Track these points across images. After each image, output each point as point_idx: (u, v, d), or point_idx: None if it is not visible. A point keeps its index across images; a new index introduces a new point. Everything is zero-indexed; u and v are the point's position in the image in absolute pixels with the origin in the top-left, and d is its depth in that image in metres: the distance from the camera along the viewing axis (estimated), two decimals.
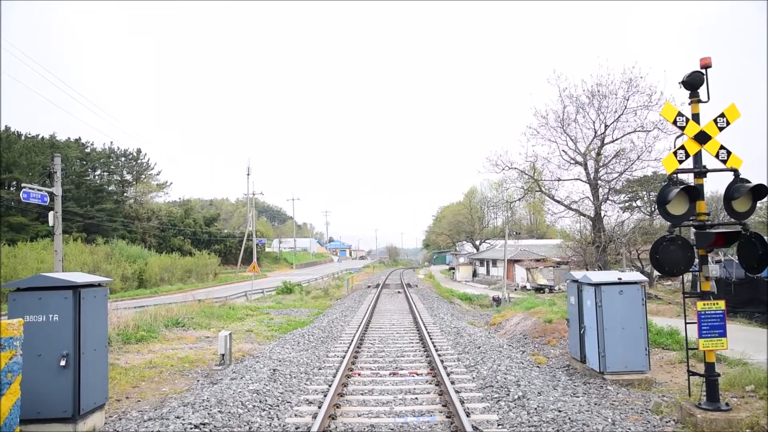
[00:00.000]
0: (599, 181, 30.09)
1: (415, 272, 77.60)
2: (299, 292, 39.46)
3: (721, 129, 8.02)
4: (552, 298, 29.05)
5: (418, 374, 11.07)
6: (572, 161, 30.24)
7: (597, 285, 10.63)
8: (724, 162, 8.05)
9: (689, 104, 8.15)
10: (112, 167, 76.40)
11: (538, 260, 55.01)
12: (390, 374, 11.09)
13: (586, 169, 30.10)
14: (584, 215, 32.15)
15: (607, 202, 31.26)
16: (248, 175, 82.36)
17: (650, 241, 45.55)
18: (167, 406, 8.47)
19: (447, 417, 8.03)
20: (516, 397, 8.75)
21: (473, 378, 10.42)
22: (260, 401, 8.48)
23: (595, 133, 29.75)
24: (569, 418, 7.45)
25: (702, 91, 8.08)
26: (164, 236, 71.98)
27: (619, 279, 10.80)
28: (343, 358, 12.11)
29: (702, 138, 7.95)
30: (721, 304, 8.09)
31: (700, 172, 8.05)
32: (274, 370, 10.68)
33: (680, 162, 7.96)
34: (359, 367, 11.80)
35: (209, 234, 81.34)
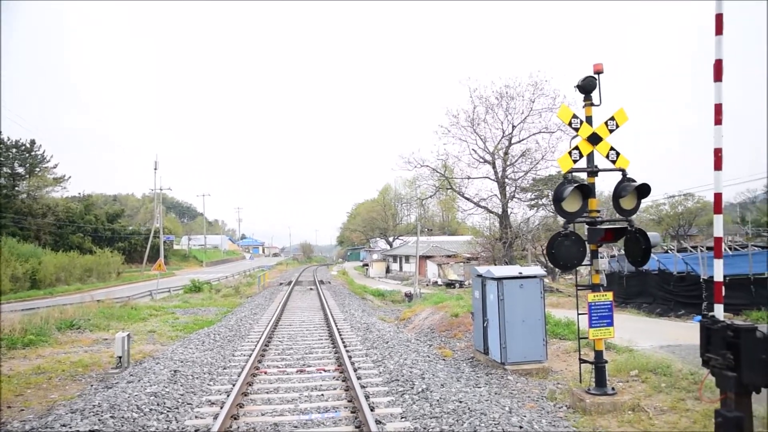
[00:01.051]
0: (506, 180, 31.23)
1: (328, 269, 77.43)
2: (208, 290, 38.35)
3: (611, 131, 8.51)
4: (460, 293, 29.84)
5: (325, 370, 11.04)
6: (481, 160, 31.21)
7: (499, 279, 11.03)
8: (614, 162, 8.56)
9: (583, 107, 8.60)
10: (1, 159, 71.02)
11: (449, 256, 56.39)
12: (297, 371, 11.00)
13: (494, 167, 31.16)
14: (492, 212, 33.29)
15: (514, 199, 32.48)
16: (155, 169, 78.93)
17: (546, 237, 47.87)
18: (53, 414, 7.98)
19: (352, 412, 8.07)
20: (420, 389, 8.92)
21: (380, 372, 10.52)
22: (158, 404, 8.17)
23: (503, 133, 30.86)
24: (469, 408, 7.68)
25: (595, 95, 8.56)
26: (62, 233, 67.82)
27: (520, 273, 11.26)
28: (250, 356, 11.90)
29: (594, 139, 8.41)
30: (609, 296, 8.62)
31: (592, 171, 8.52)
32: (175, 371, 10.31)
33: (575, 162, 8.38)
34: (266, 365, 11.63)
35: (112, 231, 77.47)
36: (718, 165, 4.87)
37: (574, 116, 8.36)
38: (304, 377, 10.49)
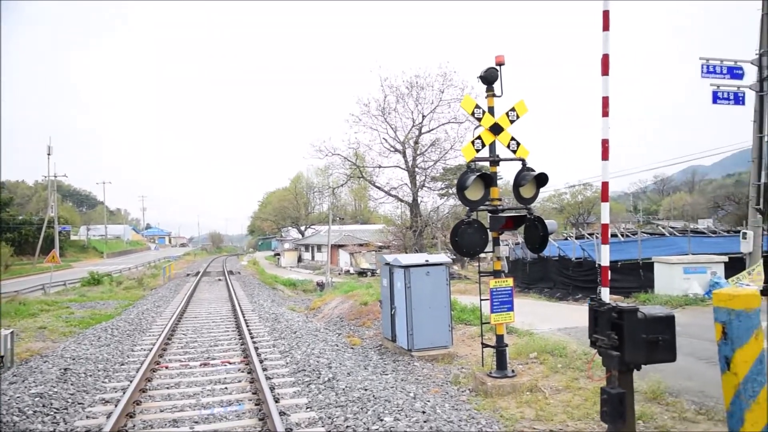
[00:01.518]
0: (417, 169, 31.67)
1: (239, 259, 75.77)
2: (109, 283, 36.48)
3: (512, 122, 8.75)
4: (371, 282, 30.03)
5: (231, 363, 10.77)
6: (392, 149, 31.46)
7: (406, 267, 11.13)
8: (514, 152, 8.81)
9: (486, 98, 8.78)
10: None
11: (361, 245, 56.63)
12: (201, 365, 10.65)
13: (404, 156, 31.51)
14: (403, 201, 33.69)
15: (424, 188, 32.98)
16: (49, 155, 74.35)
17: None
18: None
19: (256, 404, 7.90)
20: (326, 379, 8.88)
21: (287, 363, 10.38)
22: (44, 405, 7.63)
23: (413, 122, 31.23)
24: (374, 396, 7.71)
25: (497, 86, 8.77)
26: None
27: (426, 261, 11.42)
28: (150, 351, 11.41)
29: (496, 129, 8.62)
30: (510, 282, 8.91)
31: (494, 160, 8.73)
32: (65, 369, 9.69)
33: (477, 151, 8.56)
34: (168, 359, 11.19)
35: (0, 221, 71.89)
36: (605, 155, 5.10)
37: (477, 106, 8.52)
38: (208, 371, 10.18)
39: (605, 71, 5.08)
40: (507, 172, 35.88)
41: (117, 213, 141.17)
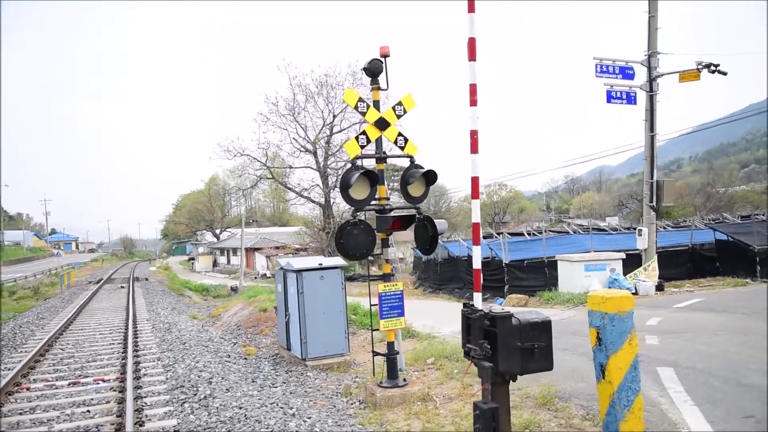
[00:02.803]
0: (328, 170, 31.05)
1: (151, 264, 72.40)
2: None
3: (399, 116, 8.31)
4: None
5: (104, 380, 9.78)
6: (303, 149, 30.70)
7: (299, 271, 10.51)
8: (402, 148, 8.38)
9: (371, 91, 8.30)
10: None
11: (278, 248, 55.30)
12: (70, 384, 9.62)
13: (315, 157, 30.82)
14: (315, 202, 32.98)
15: (336, 189, 32.36)
16: None
17: None
18: None
19: (117, 430, 7.05)
20: (203, 396, 8.13)
21: (167, 379, 9.51)
22: None
23: (324, 122, 30.61)
24: (245, 416, 7.06)
25: (382, 79, 8.31)
26: None
27: (320, 265, 10.84)
28: (12, 370, 10.20)
29: (382, 124, 8.15)
30: (399, 285, 8.46)
31: (380, 157, 8.26)
32: None
33: (362, 147, 8.05)
34: (33, 379, 10.06)
35: None
36: (474, 148, 4.70)
37: (360, 100, 8.03)
38: (75, 391, 9.16)
39: (472, 56, 4.68)
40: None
41: (18, 218, 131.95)
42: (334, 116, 30.71)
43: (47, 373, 10.55)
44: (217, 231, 68.80)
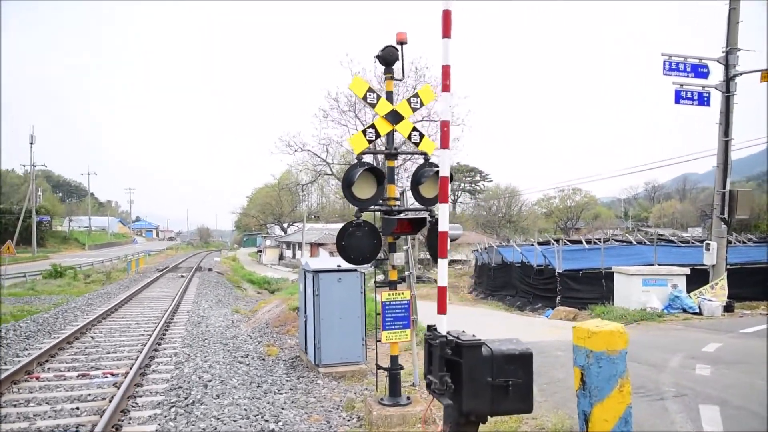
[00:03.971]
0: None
1: (221, 254, 74.44)
2: (72, 276, 35.25)
3: (414, 110, 7.60)
4: None
5: (113, 374, 9.58)
6: (396, 150, 30.22)
7: (315, 272, 9.96)
8: (417, 145, 7.66)
9: (384, 81, 7.61)
10: None
11: None
12: (79, 376, 9.48)
13: (374, 154, 30.27)
14: None
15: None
16: (31, 144, 73.22)
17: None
18: None
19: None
20: (192, 401, 7.70)
21: (170, 378, 9.19)
22: None
23: None
24: (217, 428, 6.53)
25: (397, 68, 7.60)
26: None
27: (339, 266, 10.24)
28: (30, 357, 10.22)
29: (394, 117, 7.45)
30: (407, 295, 7.75)
31: (391, 153, 7.57)
32: None
33: (370, 142, 7.38)
34: (47, 368, 10.01)
35: None
36: (444, 142, 3.96)
37: (370, 90, 7.35)
38: (79, 384, 8.99)
39: (446, 32, 3.92)
40: None
41: (107, 205, 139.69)
42: None
43: (64, 362, 10.50)
44: (285, 225, 69.83)
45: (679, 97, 13.88)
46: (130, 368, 9.81)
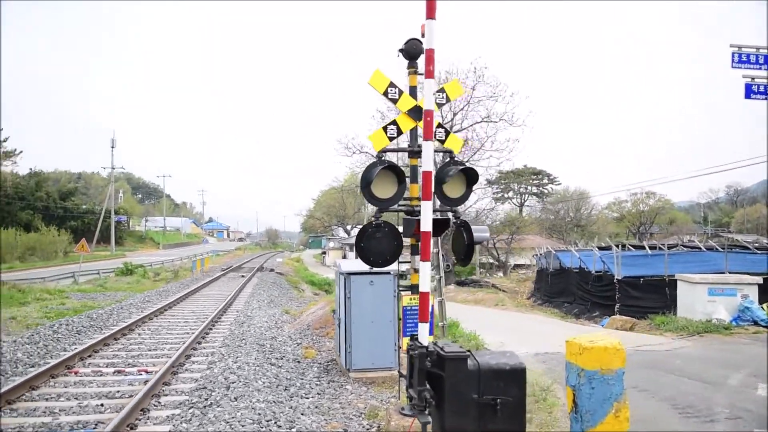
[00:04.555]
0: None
1: (286, 255, 75.76)
2: (142, 274, 36.71)
3: (440, 105, 7.24)
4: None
5: (147, 372, 9.67)
6: (419, 147, 29.88)
7: (347, 274, 9.72)
8: (442, 142, 7.28)
9: (408, 75, 7.26)
10: None
11: (405, 246, 55.11)
12: (115, 372, 9.63)
13: (396, 151, 29.82)
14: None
15: None
16: (112, 147, 77.17)
17: (508, 230, 46.82)
18: None
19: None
20: (211, 402, 7.61)
21: (200, 377, 9.17)
22: None
23: (443, 119, 29.61)
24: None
25: (421, 62, 7.24)
26: (10, 210, 65.36)
27: (371, 268, 9.94)
28: (71, 352, 10.49)
29: (418, 113, 7.09)
30: (430, 299, 7.35)
31: (414, 151, 7.21)
32: None
33: (391, 139, 7.06)
34: (87, 363, 10.23)
35: (64, 209, 74.89)
36: (428, 133, 3.60)
37: (392, 85, 7.02)
38: (113, 380, 9.12)
39: (431, 13, 3.57)
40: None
41: (182, 206, 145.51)
42: (454, 114, 29.62)
43: (106, 358, 10.72)
44: (348, 227, 70.29)
45: (750, 92, 12.76)
46: (163, 366, 9.89)
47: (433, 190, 7.09)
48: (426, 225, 3.87)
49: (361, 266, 10.07)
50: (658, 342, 12.09)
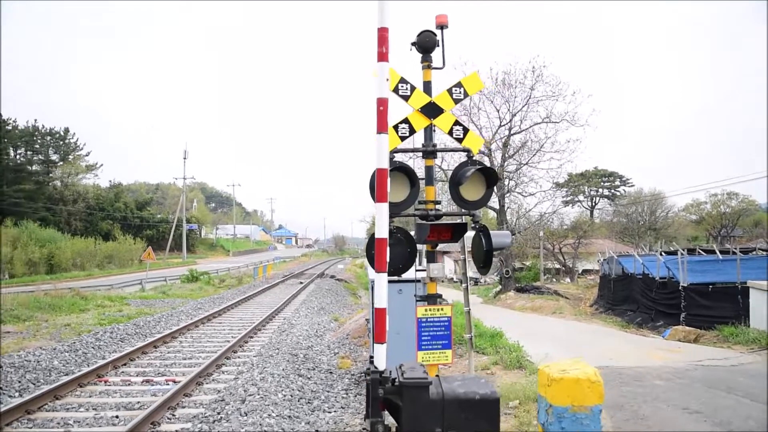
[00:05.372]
0: (505, 172, 29.07)
1: (349, 261, 76.10)
2: (206, 281, 37.60)
3: (457, 101, 6.70)
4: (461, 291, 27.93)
5: (174, 381, 9.57)
6: (434, 146, 29.09)
7: (374, 281, 9.28)
8: (460, 141, 6.75)
9: (422, 69, 6.78)
10: (36, 146, 72.82)
11: (468, 252, 54.08)
12: (143, 381, 9.59)
13: (490, 159, 29.02)
14: (490, 207, 31.23)
15: (512, 194, 30.17)
16: (185, 159, 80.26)
17: (574, 234, 45.09)
18: None
19: None
20: (221, 416, 7.35)
21: (224, 389, 8.96)
22: None
23: (500, 121, 28.76)
24: None
25: (437, 55, 6.75)
26: (91, 220, 69.00)
27: (401, 276, 9.47)
28: (107, 360, 10.56)
29: (432, 111, 6.61)
30: (447, 311, 6.82)
31: (429, 151, 6.72)
32: None
33: (402, 138, 6.59)
34: (120, 371, 10.25)
35: (141, 219, 78.26)
36: (382, 125, 3.14)
37: (402, 80, 6.55)
38: (139, 390, 9.06)
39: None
40: None
41: (253, 214, 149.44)
42: (513, 115, 28.70)
43: (140, 366, 10.73)
44: (411, 233, 70.01)
45: None
46: (186, 378, 9.77)
47: (431, 192, 6.60)
48: (381, 231, 3.40)
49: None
50: (723, 356, 10.98)
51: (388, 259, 6.07)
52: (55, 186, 70.00)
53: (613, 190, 79.82)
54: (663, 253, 19.25)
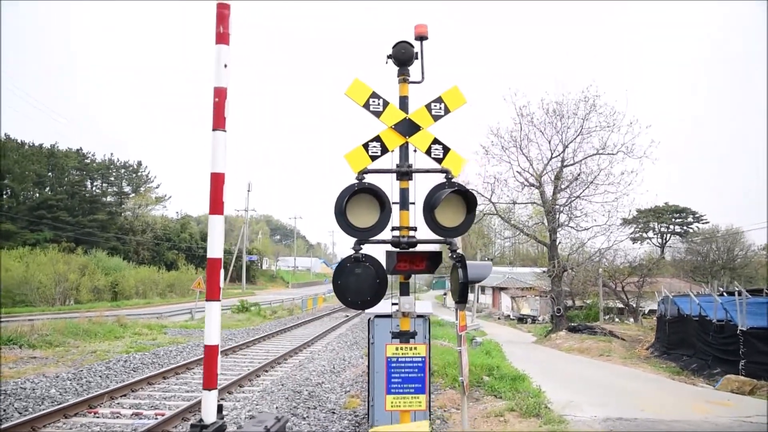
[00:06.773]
0: (556, 206, 27.82)
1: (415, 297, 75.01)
2: (256, 312, 37.76)
3: (436, 118, 6.10)
4: (520, 330, 26.82)
5: (163, 416, 9.15)
6: (526, 183, 28.07)
7: (373, 316, 8.66)
8: (439, 161, 6.10)
9: (398, 84, 6.23)
10: (112, 178, 76.68)
11: (524, 289, 52.28)
12: (132, 415, 9.26)
13: (541, 191, 27.89)
14: (539, 241, 29.95)
15: (565, 228, 28.74)
16: (248, 191, 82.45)
17: (637, 272, 42.75)
18: None
19: None
20: None
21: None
22: None
23: (552, 153, 27.66)
24: None
25: (415, 69, 6.19)
26: (158, 250, 71.60)
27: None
28: (106, 389, 10.32)
29: (408, 128, 6.02)
30: (421, 350, 6.07)
31: (403, 172, 6.09)
32: None
33: (373, 158, 6.00)
34: (117, 402, 9.96)
35: (204, 249, 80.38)
36: (218, 121, 2.58)
37: (374, 95, 6.01)
38: (122, 423, 8.74)
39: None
40: None
41: (316, 247, 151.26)
42: (565, 147, 27.56)
43: (139, 398, 10.42)
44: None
45: None
46: (171, 412, 9.34)
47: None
48: (213, 250, 2.82)
49: (383, 308, 8.99)
50: None
51: (220, 285, 5.37)
52: (126, 217, 73.16)
53: (685, 227, 75.95)
54: (725, 293, 17.58)
